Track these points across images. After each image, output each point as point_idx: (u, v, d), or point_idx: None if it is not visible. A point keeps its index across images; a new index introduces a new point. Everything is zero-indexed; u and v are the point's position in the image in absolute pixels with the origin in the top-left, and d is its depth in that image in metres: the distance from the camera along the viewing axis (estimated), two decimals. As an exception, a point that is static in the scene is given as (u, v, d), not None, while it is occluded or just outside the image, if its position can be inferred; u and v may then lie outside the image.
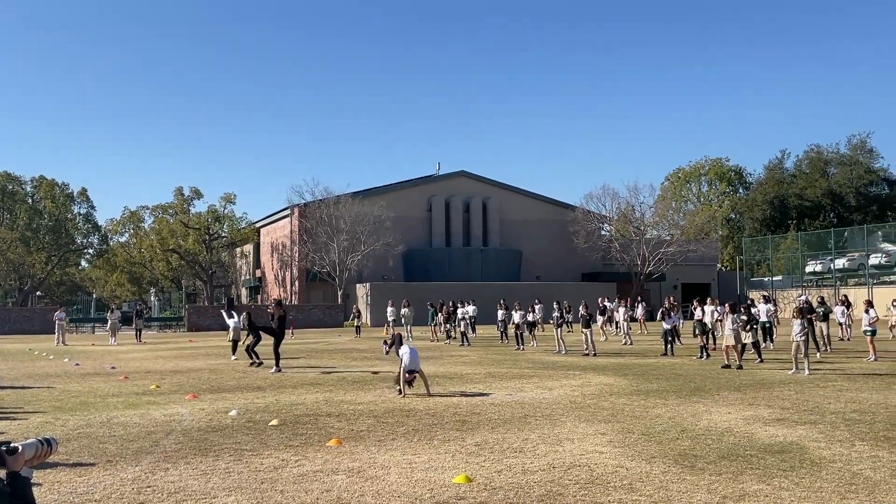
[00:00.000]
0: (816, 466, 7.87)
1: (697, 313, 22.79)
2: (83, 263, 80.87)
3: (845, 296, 28.59)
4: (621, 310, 29.61)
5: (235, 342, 23.36)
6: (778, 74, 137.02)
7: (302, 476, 7.75)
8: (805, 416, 10.98)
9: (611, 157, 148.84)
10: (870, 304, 20.87)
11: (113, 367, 21.04)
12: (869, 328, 19.62)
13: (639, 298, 34.69)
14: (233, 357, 23.05)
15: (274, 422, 11.00)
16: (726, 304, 20.04)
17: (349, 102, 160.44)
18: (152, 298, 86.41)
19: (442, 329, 31.41)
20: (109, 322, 35.44)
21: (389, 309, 34.89)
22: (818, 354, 20.51)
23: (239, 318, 23.73)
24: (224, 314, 25.31)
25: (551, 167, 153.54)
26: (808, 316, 18.45)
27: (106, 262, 72.39)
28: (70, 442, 9.73)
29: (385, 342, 20.38)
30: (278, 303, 20.28)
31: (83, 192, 69.05)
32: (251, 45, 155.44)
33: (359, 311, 38.98)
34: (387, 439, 9.67)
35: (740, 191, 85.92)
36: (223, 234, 66.10)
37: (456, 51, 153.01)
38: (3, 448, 2.90)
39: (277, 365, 18.79)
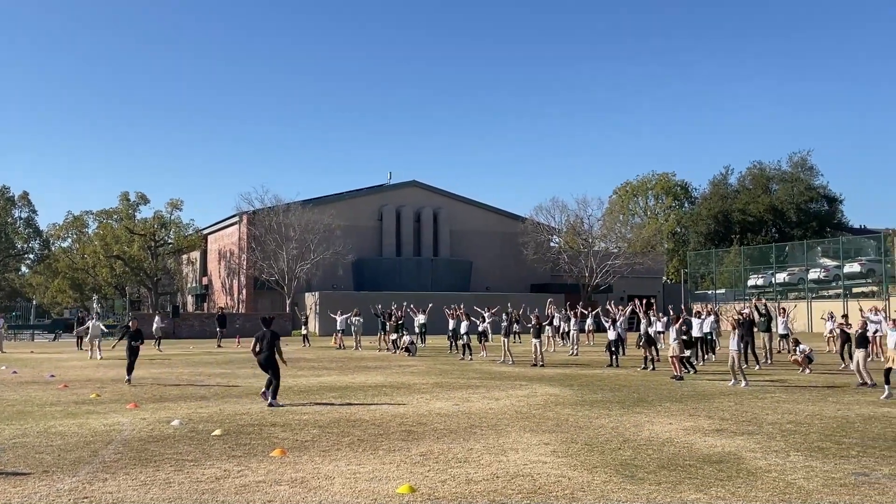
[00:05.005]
0: (752, 476, 8.07)
1: (643, 326, 23.13)
2: (23, 269, 78.83)
3: (783, 307, 29.29)
4: (571, 320, 29.82)
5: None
6: (722, 91, 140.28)
7: (244, 487, 7.68)
8: (743, 427, 11.23)
9: (560, 169, 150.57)
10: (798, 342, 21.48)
11: (52, 376, 20.53)
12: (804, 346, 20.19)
13: (589, 309, 35.09)
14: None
15: (217, 432, 10.87)
16: (670, 313, 20.34)
17: (300, 110, 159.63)
18: (94, 305, 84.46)
19: (390, 339, 31.29)
20: (90, 332, 28.54)
21: (339, 318, 34.64)
22: (757, 367, 20.95)
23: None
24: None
25: (502, 179, 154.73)
26: (742, 329, 18.83)
27: (47, 267, 70.66)
28: (5, 452, 9.48)
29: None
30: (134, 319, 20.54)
31: (25, 195, 67.43)
32: (199, 48, 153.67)
33: (306, 318, 38.67)
34: (332, 449, 9.63)
35: (686, 205, 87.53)
36: (169, 241, 65.00)
37: (410, 62, 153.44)
38: None
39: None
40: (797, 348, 20.71)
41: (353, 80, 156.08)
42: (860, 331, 16.59)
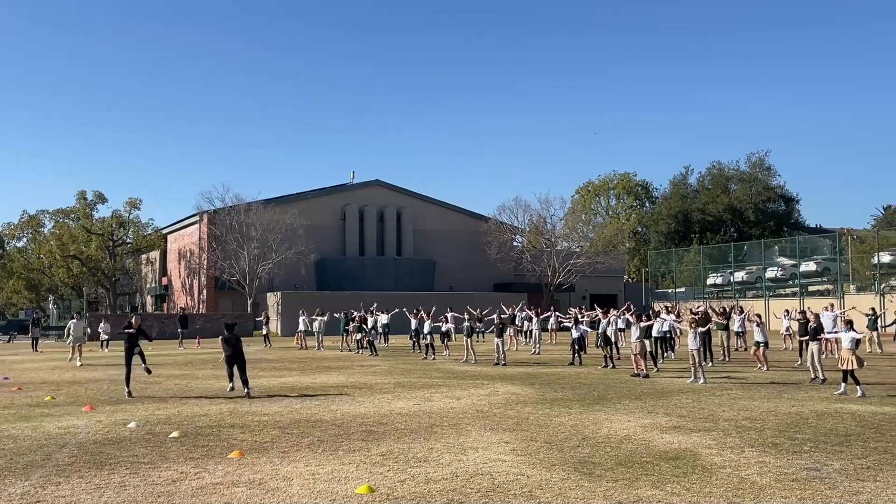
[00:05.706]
0: (707, 472, 8.19)
1: (602, 324, 23.26)
2: (-24, 269, 77.04)
3: (741, 307, 29.74)
4: (533, 319, 29.98)
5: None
6: (682, 91, 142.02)
7: (200, 489, 7.61)
8: (700, 424, 11.39)
9: (523, 169, 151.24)
10: (760, 318, 21.69)
11: (6, 378, 20.14)
12: (761, 340, 20.45)
13: (551, 308, 35.37)
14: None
15: (175, 434, 10.74)
16: (632, 312, 20.53)
17: (262, 108, 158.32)
18: (51, 306, 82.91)
19: (354, 339, 31.17)
20: (71, 334, 26.80)
21: (301, 318, 34.49)
22: (711, 363, 21.18)
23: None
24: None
25: (465, 178, 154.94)
26: (704, 327, 19.08)
27: (1, 268, 69.20)
28: (-46, 457, 9.27)
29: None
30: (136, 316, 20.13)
31: (-23, 194, 66.00)
32: (157, 46, 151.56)
33: (267, 318, 37.96)
34: (291, 451, 9.58)
35: (647, 205, 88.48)
36: (128, 241, 64.02)
37: (372, 62, 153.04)
38: None
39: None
40: (759, 324, 20.85)
41: (315, 80, 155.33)
42: (813, 325, 16.91)
